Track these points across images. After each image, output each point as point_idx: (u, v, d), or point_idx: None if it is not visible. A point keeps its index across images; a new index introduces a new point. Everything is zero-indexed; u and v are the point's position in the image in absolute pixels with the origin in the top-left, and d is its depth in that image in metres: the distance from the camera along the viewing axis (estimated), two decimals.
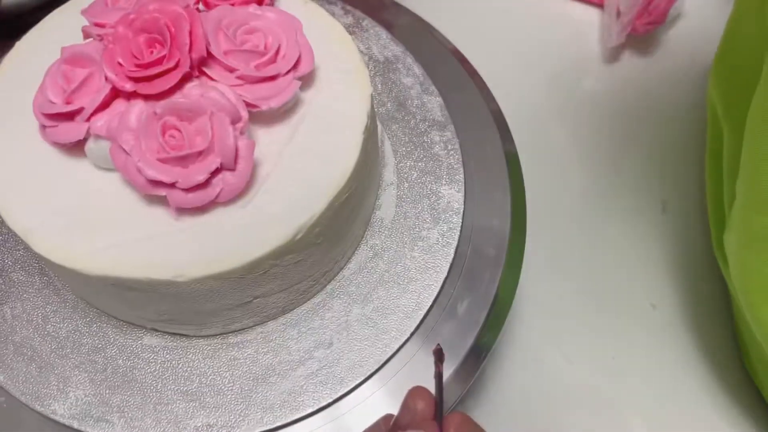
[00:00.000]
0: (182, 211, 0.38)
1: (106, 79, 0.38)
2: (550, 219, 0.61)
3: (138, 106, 0.38)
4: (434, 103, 0.52)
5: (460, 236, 0.47)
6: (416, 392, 0.33)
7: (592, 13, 0.73)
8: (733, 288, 0.48)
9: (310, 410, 0.41)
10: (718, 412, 0.54)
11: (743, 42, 0.50)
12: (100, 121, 0.38)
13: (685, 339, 0.57)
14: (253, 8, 0.41)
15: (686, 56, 0.70)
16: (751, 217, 0.42)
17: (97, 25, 0.41)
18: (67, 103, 0.39)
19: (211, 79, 0.39)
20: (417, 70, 0.53)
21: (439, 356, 0.35)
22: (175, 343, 0.43)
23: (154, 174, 0.36)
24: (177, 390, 0.42)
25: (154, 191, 0.37)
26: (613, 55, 0.70)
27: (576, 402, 0.54)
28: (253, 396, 0.42)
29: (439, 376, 0.34)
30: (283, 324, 0.44)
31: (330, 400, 0.42)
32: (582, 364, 0.55)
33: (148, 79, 0.38)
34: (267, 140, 0.40)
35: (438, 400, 0.33)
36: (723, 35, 0.54)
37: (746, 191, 0.43)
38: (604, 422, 0.54)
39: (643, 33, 0.69)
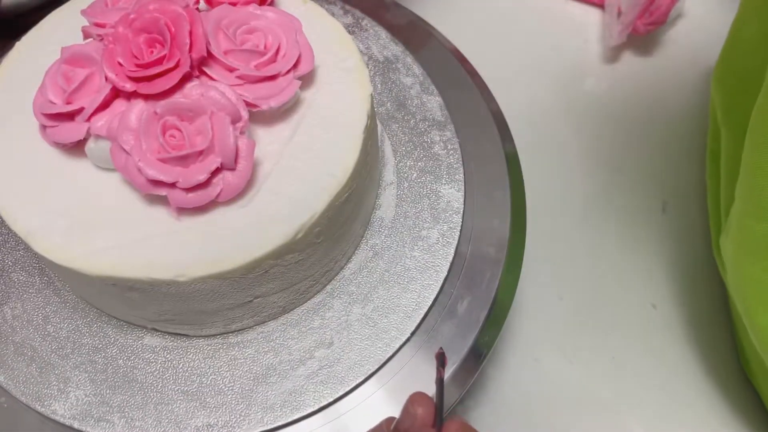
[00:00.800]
0: (183, 210, 0.38)
1: (107, 79, 0.38)
2: (550, 219, 0.61)
3: (138, 106, 0.38)
4: (434, 103, 0.52)
5: (460, 236, 0.47)
6: (416, 398, 0.33)
7: (592, 13, 0.73)
8: (731, 292, 0.47)
9: (310, 410, 0.41)
10: (716, 412, 0.54)
11: (746, 46, 0.50)
12: (101, 121, 0.38)
13: (685, 339, 0.57)
14: (252, 8, 0.41)
15: (687, 56, 0.70)
16: (750, 225, 0.42)
17: (97, 25, 0.41)
18: (68, 103, 0.39)
19: (212, 78, 0.39)
20: (417, 69, 0.53)
21: (441, 360, 0.35)
22: (175, 343, 0.43)
23: (154, 174, 0.36)
24: (177, 390, 0.42)
25: (155, 191, 0.37)
26: (613, 55, 0.70)
27: (575, 402, 0.54)
28: (254, 396, 0.42)
29: (440, 381, 0.34)
30: (284, 324, 0.44)
31: (330, 400, 0.42)
32: (582, 364, 0.55)
33: (149, 78, 0.38)
34: (267, 140, 0.40)
35: (438, 406, 0.33)
36: (727, 38, 0.53)
37: (746, 197, 0.43)
38: (603, 422, 0.54)
39: (644, 33, 0.69)
